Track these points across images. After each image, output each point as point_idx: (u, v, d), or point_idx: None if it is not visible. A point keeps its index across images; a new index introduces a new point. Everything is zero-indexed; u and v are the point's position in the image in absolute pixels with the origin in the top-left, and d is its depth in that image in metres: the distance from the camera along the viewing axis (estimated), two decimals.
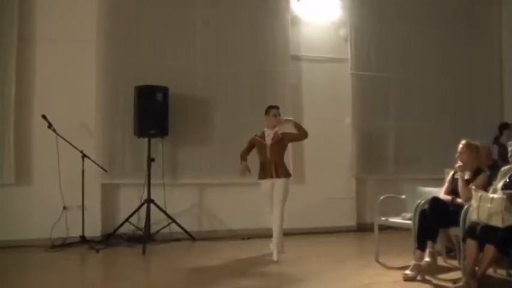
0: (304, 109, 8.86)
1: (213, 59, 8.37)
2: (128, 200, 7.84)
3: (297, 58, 8.91)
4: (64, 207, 7.39)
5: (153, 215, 7.62)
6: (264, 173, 6.72)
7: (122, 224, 7.68)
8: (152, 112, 7.58)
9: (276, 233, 6.55)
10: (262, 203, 6.92)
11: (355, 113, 9.06)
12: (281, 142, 6.80)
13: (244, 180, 7.15)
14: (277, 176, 6.65)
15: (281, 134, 6.81)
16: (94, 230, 7.58)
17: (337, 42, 9.20)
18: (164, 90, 7.71)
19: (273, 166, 6.66)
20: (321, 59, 9.06)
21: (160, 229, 7.76)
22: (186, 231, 7.85)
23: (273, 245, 6.57)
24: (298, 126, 6.78)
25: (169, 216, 7.77)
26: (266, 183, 6.73)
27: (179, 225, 7.81)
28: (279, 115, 6.84)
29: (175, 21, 8.26)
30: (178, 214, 7.89)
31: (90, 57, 7.82)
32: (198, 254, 7.21)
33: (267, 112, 6.85)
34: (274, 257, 6.43)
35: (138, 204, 7.69)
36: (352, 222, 8.88)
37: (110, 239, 7.62)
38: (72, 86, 7.71)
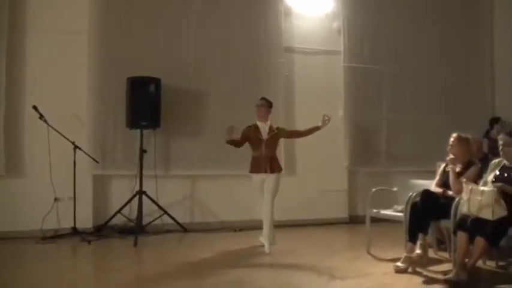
0: (296, 101, 8.87)
1: (206, 51, 8.34)
2: (120, 191, 7.83)
3: (289, 50, 8.89)
4: (55, 199, 7.39)
5: (145, 206, 7.64)
6: (258, 167, 6.65)
7: (113, 216, 7.66)
8: (144, 103, 7.55)
9: (266, 225, 6.55)
10: (254, 196, 6.90)
11: (348, 105, 9.06)
12: (276, 137, 6.79)
13: (237, 172, 7.16)
14: (271, 171, 6.61)
15: (276, 128, 6.78)
16: (86, 221, 7.56)
17: (330, 34, 9.19)
18: (157, 81, 7.68)
19: (268, 161, 6.62)
20: (313, 51, 9.05)
21: (152, 221, 7.75)
22: (178, 223, 7.85)
23: (263, 238, 6.56)
24: (318, 129, 6.84)
25: (161, 208, 7.76)
26: (258, 177, 6.68)
27: (171, 217, 7.81)
28: (265, 108, 6.77)
29: (168, 12, 8.22)
30: (170, 206, 7.88)
31: (82, 47, 7.76)
32: (189, 245, 7.21)
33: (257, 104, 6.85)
34: (266, 250, 6.44)
35: (130, 195, 7.68)
36: (344, 214, 8.89)
37: (101, 230, 7.61)
38: (64, 76, 7.67)
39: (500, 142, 5.41)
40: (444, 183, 5.84)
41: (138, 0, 8.15)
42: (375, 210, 6.45)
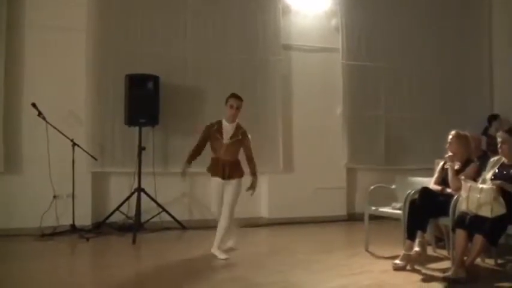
0: (294, 98, 8.87)
1: (204, 48, 8.32)
2: (119, 188, 7.82)
3: (288, 47, 8.87)
4: (54, 196, 7.35)
5: (143, 204, 7.63)
6: (216, 170, 6.18)
7: (112, 213, 7.65)
8: (143, 101, 7.54)
9: (218, 237, 6.12)
10: (210, 199, 6.46)
11: (346, 103, 9.05)
12: (239, 143, 6.21)
13: None
14: (230, 177, 6.13)
15: (241, 133, 6.20)
16: (84, 218, 7.54)
17: (328, 31, 9.17)
18: (155, 79, 7.67)
19: (227, 167, 6.12)
20: (312, 48, 9.04)
21: (151, 218, 7.73)
22: (177, 220, 7.85)
23: (214, 249, 6.10)
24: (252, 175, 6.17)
25: (159, 205, 7.74)
26: (216, 180, 6.21)
27: (170, 214, 7.80)
28: (238, 108, 6.16)
29: (166, 10, 8.19)
30: (168, 203, 7.87)
31: (81, 45, 7.74)
32: (188, 243, 7.22)
33: (226, 101, 6.22)
34: (220, 255, 6.03)
35: (129, 193, 7.68)
36: (342, 212, 8.85)
37: (100, 227, 7.60)
38: (62, 74, 7.65)
39: (499, 139, 5.42)
40: (443, 181, 5.85)
41: None
42: (373, 208, 6.46)
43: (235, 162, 6.20)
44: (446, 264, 5.59)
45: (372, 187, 6.59)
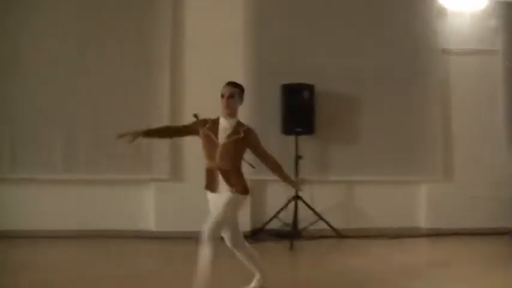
0: (453, 104, 8.52)
1: (359, 55, 8.28)
2: (276, 196, 7.96)
3: (446, 52, 8.57)
4: None
5: (300, 211, 7.75)
6: (210, 183, 4.85)
7: (270, 220, 7.84)
8: (298, 110, 7.70)
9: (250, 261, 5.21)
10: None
11: (509, 107, 8.56)
12: (239, 143, 4.75)
13: (395, 178, 6.96)
14: (227, 186, 4.73)
15: (244, 130, 4.77)
16: (243, 224, 7.64)
17: (486, 33, 8.73)
18: (310, 88, 7.78)
19: (222, 177, 4.75)
20: (469, 51, 8.65)
21: (308, 226, 7.81)
22: (334, 229, 7.85)
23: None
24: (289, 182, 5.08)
25: (316, 213, 7.80)
26: (211, 198, 4.88)
27: (326, 222, 7.82)
28: (237, 97, 4.87)
29: (319, 17, 8.29)
30: (325, 211, 7.90)
31: (237, 56, 8.07)
32: (344, 252, 7.21)
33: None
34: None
35: (286, 200, 7.81)
36: (508, 224, 8.32)
37: (258, 233, 7.81)
38: (220, 82, 7.94)
39: None
40: None
41: (289, 6, 8.29)
42: None
43: (234, 171, 4.79)
44: None
45: None
